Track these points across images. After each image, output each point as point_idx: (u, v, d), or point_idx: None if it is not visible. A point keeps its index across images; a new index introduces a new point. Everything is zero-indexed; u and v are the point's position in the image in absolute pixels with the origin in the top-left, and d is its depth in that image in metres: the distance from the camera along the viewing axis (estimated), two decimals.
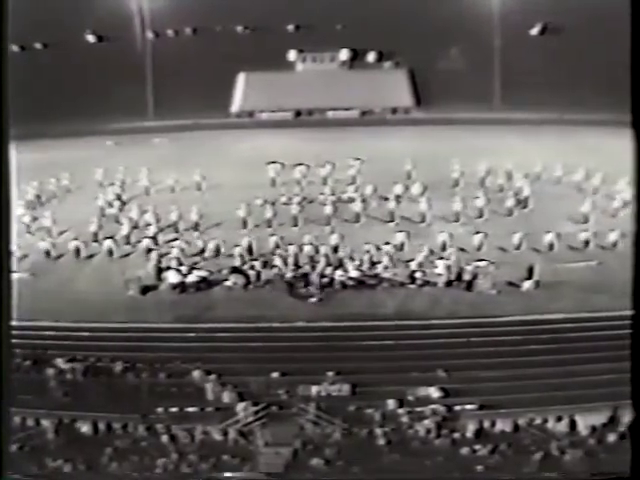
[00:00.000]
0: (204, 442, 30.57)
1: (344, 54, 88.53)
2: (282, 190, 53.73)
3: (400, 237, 43.83)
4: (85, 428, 31.18)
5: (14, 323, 33.46)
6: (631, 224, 32.89)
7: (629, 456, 26.13)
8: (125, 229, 46.79)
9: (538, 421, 30.82)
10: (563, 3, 78.34)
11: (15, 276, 40.26)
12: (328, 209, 49.02)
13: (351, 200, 51.04)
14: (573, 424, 30.57)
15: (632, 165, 28.34)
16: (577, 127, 70.45)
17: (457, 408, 31.50)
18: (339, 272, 40.22)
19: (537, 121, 74.15)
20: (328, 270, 40.47)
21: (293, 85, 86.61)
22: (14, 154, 27.82)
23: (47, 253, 44.53)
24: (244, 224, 47.41)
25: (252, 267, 41.06)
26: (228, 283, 40.66)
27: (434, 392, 32.25)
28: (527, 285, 39.23)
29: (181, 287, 40.30)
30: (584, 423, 30.49)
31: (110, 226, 48.13)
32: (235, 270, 41.13)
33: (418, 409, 31.50)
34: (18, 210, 49.61)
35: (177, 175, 56.57)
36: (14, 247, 43.27)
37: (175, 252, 42.72)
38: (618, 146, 27.90)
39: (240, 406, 31.70)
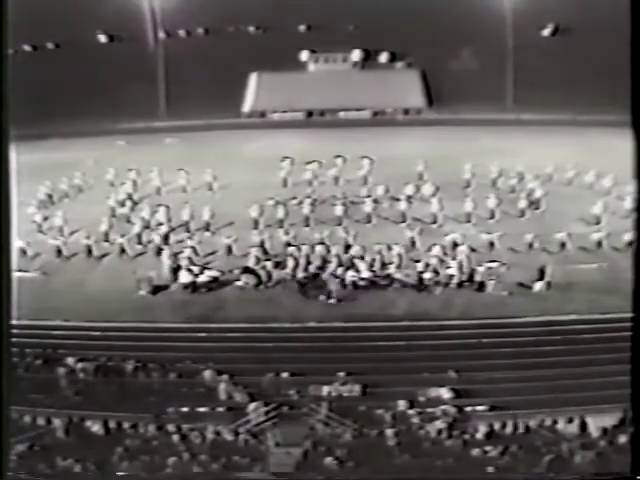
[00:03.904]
0: (215, 442, 30.57)
1: (356, 55, 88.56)
2: (294, 191, 53.70)
3: (411, 238, 43.77)
4: (96, 427, 31.20)
5: (25, 322, 33.76)
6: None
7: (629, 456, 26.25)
8: (136, 229, 46.82)
9: (548, 422, 30.75)
10: (575, 4, 78.18)
11: (26, 275, 40.49)
12: (339, 210, 48.97)
13: (362, 201, 50.97)
14: (584, 425, 30.49)
15: (632, 165, 28.39)
16: (589, 128, 70.33)
17: (468, 409, 31.46)
18: (351, 273, 40.19)
19: (549, 122, 73.98)
20: (340, 271, 40.43)
21: (305, 85, 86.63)
22: (20, 154, 27.80)
23: (58, 252, 44.51)
24: (256, 224, 47.36)
25: (264, 267, 41.03)
26: (239, 283, 40.68)
27: (445, 393, 32.21)
28: (538, 286, 39.16)
29: (192, 287, 40.32)
30: (595, 425, 30.41)
31: (121, 226, 48.18)
32: (247, 270, 41.12)
33: (429, 410, 31.45)
34: (29, 209, 49.74)
35: (189, 175, 56.57)
36: (25, 246, 43.50)
37: (187, 252, 42.76)
38: (630, 147, 27.83)
39: (251, 406, 31.70)
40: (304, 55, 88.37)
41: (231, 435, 30.80)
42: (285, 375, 33.38)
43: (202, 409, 31.93)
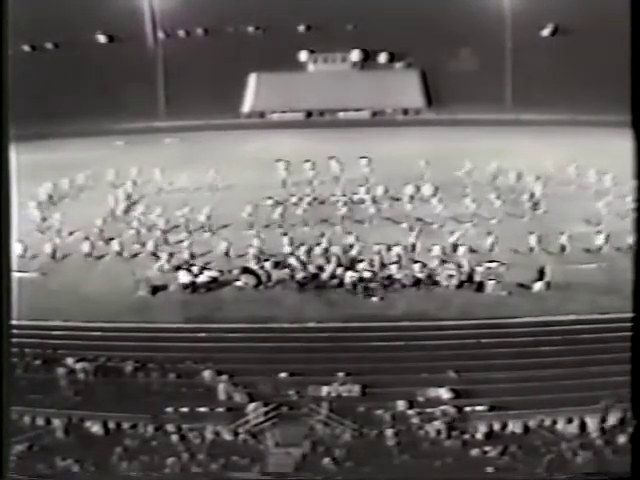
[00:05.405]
0: (214, 442, 30.53)
1: (355, 55, 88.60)
2: (293, 190, 53.70)
3: (411, 238, 43.73)
4: (95, 428, 31.15)
5: (25, 322, 33.66)
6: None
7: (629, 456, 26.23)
8: (135, 229, 46.78)
9: (548, 422, 30.71)
10: (575, 4, 78.17)
11: (26, 276, 40.41)
12: (339, 210, 48.98)
13: (362, 201, 50.96)
14: (583, 426, 30.46)
15: (632, 165, 28.38)
16: (589, 128, 70.31)
17: (467, 409, 31.41)
18: (350, 273, 40.11)
19: (548, 122, 74.01)
20: (339, 271, 40.37)
21: (304, 86, 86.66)
22: (20, 154, 27.73)
23: (57, 253, 44.41)
24: (254, 225, 47.31)
25: (262, 267, 40.97)
26: (239, 283, 40.63)
27: (444, 393, 32.16)
28: (538, 286, 39.12)
29: (192, 287, 40.26)
30: (594, 425, 30.38)
31: (120, 226, 48.16)
32: (246, 270, 41.06)
33: (428, 410, 31.39)
34: (29, 210, 49.64)
35: (188, 175, 56.59)
36: (23, 247, 43.38)
37: (185, 252, 42.73)
38: (629, 147, 27.82)
39: (250, 406, 31.66)
40: (303, 55, 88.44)
41: (230, 435, 30.76)
42: (284, 375, 33.35)
43: (201, 409, 31.88)
